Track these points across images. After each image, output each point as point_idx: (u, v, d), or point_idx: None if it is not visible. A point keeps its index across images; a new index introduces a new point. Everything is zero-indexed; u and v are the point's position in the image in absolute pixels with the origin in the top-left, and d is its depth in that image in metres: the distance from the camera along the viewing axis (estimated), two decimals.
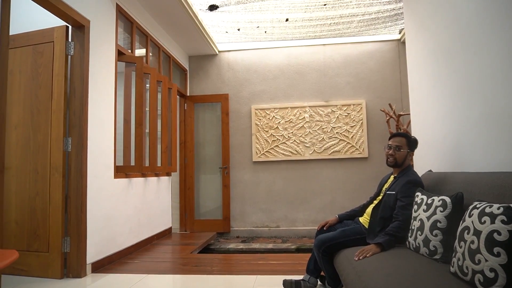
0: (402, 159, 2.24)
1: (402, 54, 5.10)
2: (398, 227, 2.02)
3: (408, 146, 2.25)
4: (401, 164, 2.25)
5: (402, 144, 2.24)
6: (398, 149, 2.23)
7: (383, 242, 1.94)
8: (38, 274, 2.81)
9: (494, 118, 1.83)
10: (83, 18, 2.93)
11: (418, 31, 2.90)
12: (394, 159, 2.24)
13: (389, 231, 2.01)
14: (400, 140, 2.26)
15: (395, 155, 2.24)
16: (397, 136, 2.29)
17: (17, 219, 2.90)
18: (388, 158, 2.27)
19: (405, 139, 2.26)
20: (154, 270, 3.08)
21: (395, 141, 2.26)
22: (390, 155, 2.25)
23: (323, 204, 5.17)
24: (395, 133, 2.34)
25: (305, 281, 2.44)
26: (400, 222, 2.03)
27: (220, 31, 4.92)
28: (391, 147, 2.26)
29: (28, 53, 2.99)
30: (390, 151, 2.26)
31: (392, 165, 2.28)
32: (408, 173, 2.21)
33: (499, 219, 1.22)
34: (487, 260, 1.21)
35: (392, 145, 2.26)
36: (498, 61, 1.78)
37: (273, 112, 5.31)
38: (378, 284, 1.47)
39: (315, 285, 2.45)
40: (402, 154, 2.23)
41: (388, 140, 2.32)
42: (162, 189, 4.59)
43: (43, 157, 2.89)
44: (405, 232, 2.02)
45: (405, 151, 2.24)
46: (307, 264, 2.50)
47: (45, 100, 2.92)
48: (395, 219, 2.07)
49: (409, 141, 2.27)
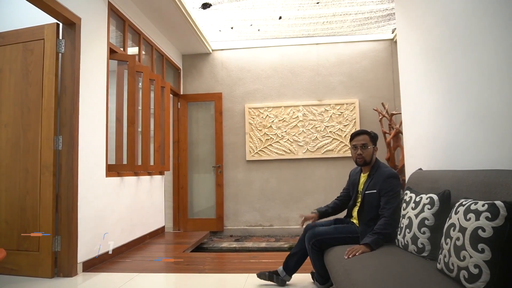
0: (370, 156, 2.27)
1: (395, 53, 5.12)
2: (385, 224, 2.04)
3: (372, 142, 2.28)
4: (370, 161, 2.28)
5: (367, 141, 2.27)
6: (365, 147, 2.26)
7: (370, 243, 1.96)
8: (29, 273, 2.79)
9: (482, 116, 1.85)
10: (74, 16, 2.90)
11: (409, 30, 2.92)
12: (363, 158, 2.26)
13: (377, 230, 2.03)
14: (364, 138, 2.28)
15: (363, 153, 2.25)
16: (360, 135, 2.30)
17: (7, 218, 2.88)
18: (357, 158, 2.28)
19: (367, 136, 2.29)
20: (146, 269, 3.07)
21: (359, 140, 2.28)
22: (358, 154, 2.26)
23: (316, 203, 5.17)
24: (355, 132, 2.35)
25: (278, 275, 2.45)
26: (386, 218, 2.05)
27: (213, 30, 4.91)
28: (357, 147, 2.27)
29: (18, 51, 2.96)
30: (358, 151, 2.27)
31: (361, 164, 2.30)
32: (381, 168, 2.23)
33: (483, 216, 1.24)
34: (472, 257, 1.23)
35: (358, 144, 2.27)
36: (487, 60, 1.80)
37: (266, 111, 5.32)
38: (366, 281, 1.48)
39: (285, 284, 2.46)
40: (369, 151, 2.26)
41: (351, 141, 2.32)
42: (155, 188, 4.57)
43: (34, 155, 2.86)
44: (393, 227, 2.04)
45: (371, 148, 2.27)
46: (286, 259, 2.46)
47: (35, 98, 2.89)
48: (381, 215, 2.10)
49: (371, 137, 2.29)
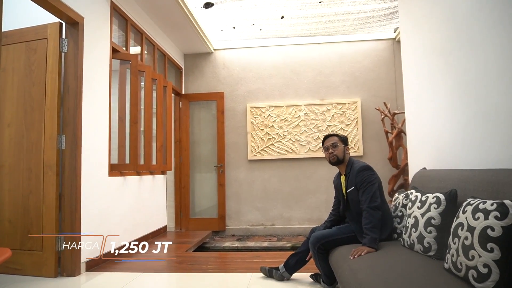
0: (342, 153, 2.40)
1: (397, 53, 5.12)
2: (369, 216, 2.11)
3: (341, 142, 2.42)
4: (343, 158, 2.41)
5: (336, 141, 2.41)
6: (335, 146, 2.39)
7: (370, 244, 1.99)
8: (32, 273, 2.78)
9: (488, 115, 1.84)
10: (77, 15, 2.90)
11: (413, 29, 2.92)
12: (335, 156, 2.39)
13: (365, 227, 2.09)
14: (332, 139, 2.45)
15: (335, 152, 2.39)
16: (329, 137, 2.47)
17: (11, 217, 2.87)
18: (330, 157, 2.41)
19: (336, 137, 2.46)
20: (149, 268, 3.07)
21: (329, 141, 2.44)
22: (330, 153, 2.41)
23: (318, 203, 5.18)
24: (324, 136, 2.51)
25: (278, 271, 2.60)
26: (365, 211, 2.15)
27: (215, 29, 4.91)
28: (328, 147, 2.42)
29: (21, 50, 2.96)
30: (329, 151, 2.41)
31: (335, 162, 2.42)
32: (354, 164, 2.37)
33: (492, 215, 1.23)
34: (481, 256, 1.23)
35: (328, 145, 2.42)
36: (491, 59, 1.79)
37: (268, 111, 5.31)
38: (373, 281, 1.48)
39: (284, 279, 2.59)
40: (339, 149, 2.40)
41: (323, 145, 2.48)
42: (157, 188, 4.57)
43: (37, 155, 2.86)
44: (374, 217, 2.10)
45: (341, 146, 2.40)
46: (288, 257, 2.61)
47: (38, 97, 2.89)
48: (363, 210, 2.18)
49: (340, 138, 2.45)
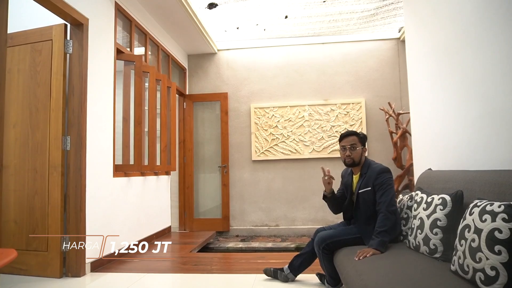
0: (359, 157, 2.28)
1: (402, 52, 5.09)
2: (383, 220, 2.05)
3: (360, 143, 2.30)
4: (359, 161, 2.29)
5: (355, 142, 2.29)
6: (354, 148, 2.27)
7: (377, 247, 1.95)
8: (37, 273, 2.80)
9: (494, 116, 1.82)
10: (82, 16, 2.91)
11: (418, 29, 2.90)
12: (352, 159, 2.27)
13: (377, 229, 2.03)
14: (352, 139, 2.29)
15: (352, 155, 2.27)
16: (348, 136, 2.31)
17: (16, 218, 2.89)
18: (346, 159, 2.29)
19: (356, 137, 2.31)
20: (154, 269, 3.07)
21: (348, 141, 2.29)
22: (347, 156, 2.28)
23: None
24: (344, 133, 2.36)
25: (283, 272, 2.54)
26: (383, 213, 2.07)
27: (219, 30, 4.91)
28: (346, 148, 2.28)
29: (27, 52, 2.98)
30: (346, 152, 2.28)
31: (350, 165, 2.31)
32: (372, 165, 2.26)
33: (500, 217, 1.22)
34: (488, 258, 1.21)
35: (347, 145, 2.28)
36: (498, 59, 1.78)
37: (272, 111, 5.31)
38: (378, 283, 1.47)
39: (288, 280, 2.54)
40: (357, 152, 2.28)
41: (340, 142, 2.34)
42: (161, 188, 4.58)
43: (42, 155, 2.87)
44: (391, 221, 2.04)
45: (360, 149, 2.29)
46: (293, 258, 2.55)
47: (43, 98, 2.91)
48: (379, 211, 2.11)
49: (360, 138, 2.31)
